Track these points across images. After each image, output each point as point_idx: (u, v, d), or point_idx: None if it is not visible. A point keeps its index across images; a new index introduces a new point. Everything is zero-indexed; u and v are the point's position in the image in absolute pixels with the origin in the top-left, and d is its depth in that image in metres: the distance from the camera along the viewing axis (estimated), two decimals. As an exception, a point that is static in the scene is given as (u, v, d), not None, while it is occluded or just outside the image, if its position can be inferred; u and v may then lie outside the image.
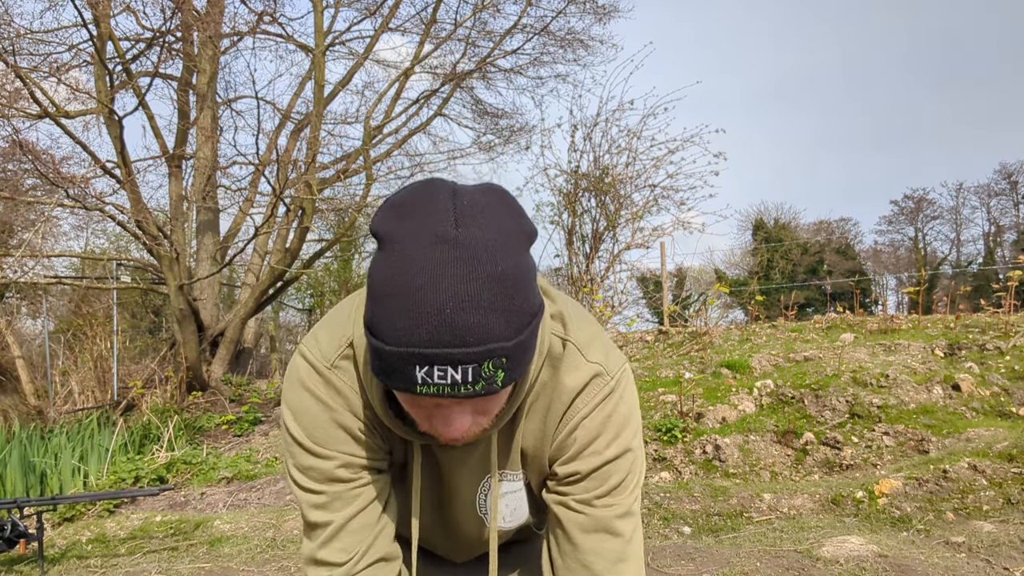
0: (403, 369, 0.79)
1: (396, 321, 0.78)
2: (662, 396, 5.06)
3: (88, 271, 12.20)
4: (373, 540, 1.05)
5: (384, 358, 0.80)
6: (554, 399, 1.04)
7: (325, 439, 1.02)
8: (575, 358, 1.03)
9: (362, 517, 1.04)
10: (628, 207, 8.19)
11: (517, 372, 0.83)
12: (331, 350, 1.02)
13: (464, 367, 0.78)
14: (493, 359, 0.79)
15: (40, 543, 3.36)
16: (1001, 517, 3.33)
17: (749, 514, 3.71)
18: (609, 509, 1.04)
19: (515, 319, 0.80)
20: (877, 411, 4.48)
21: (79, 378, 7.70)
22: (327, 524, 1.04)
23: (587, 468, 1.04)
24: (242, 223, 10.42)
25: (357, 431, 1.02)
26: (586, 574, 1.04)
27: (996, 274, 25.37)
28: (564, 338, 1.04)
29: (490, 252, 0.79)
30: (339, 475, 1.03)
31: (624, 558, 1.05)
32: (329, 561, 1.04)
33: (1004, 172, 33.70)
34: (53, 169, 6.72)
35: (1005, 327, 5.48)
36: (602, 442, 1.03)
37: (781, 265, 27.99)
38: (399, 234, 0.81)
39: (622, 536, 1.05)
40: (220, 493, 4.98)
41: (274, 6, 9.91)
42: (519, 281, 0.81)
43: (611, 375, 1.04)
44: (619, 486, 1.05)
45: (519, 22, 10.17)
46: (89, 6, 6.36)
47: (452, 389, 0.79)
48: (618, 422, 1.04)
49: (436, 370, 0.78)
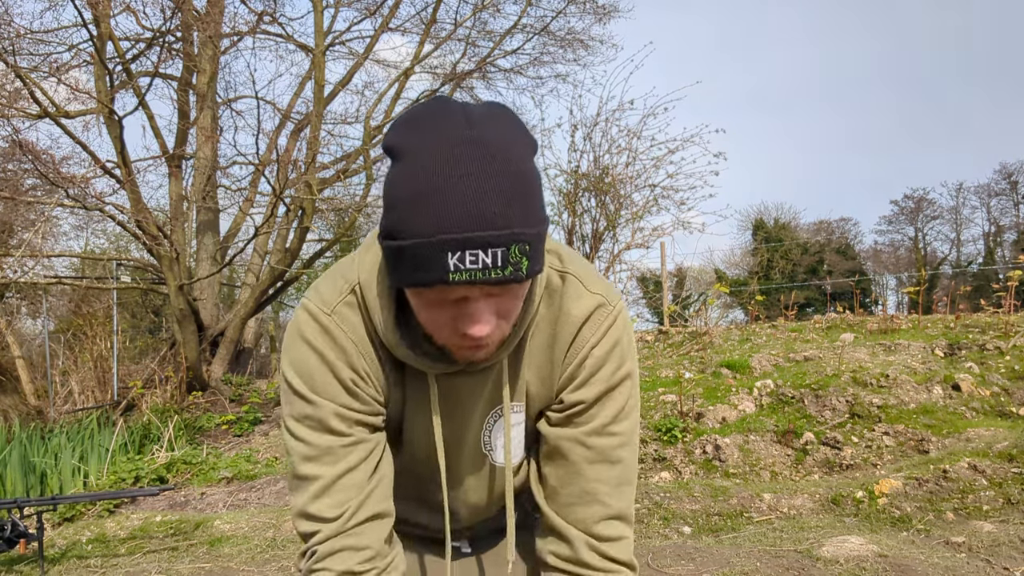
0: (434, 258, 0.81)
1: (422, 217, 0.81)
2: (662, 396, 5.06)
3: (88, 271, 12.20)
4: (366, 497, 1.04)
5: (413, 253, 0.82)
6: (559, 329, 1.06)
7: (321, 388, 1.02)
8: (577, 288, 1.06)
9: (354, 474, 1.03)
10: (628, 207, 8.19)
11: (538, 264, 0.87)
12: (332, 296, 1.03)
13: (494, 250, 0.81)
14: (519, 244, 0.82)
15: (40, 543, 3.36)
16: (1001, 517, 3.33)
17: (749, 514, 3.71)
18: (612, 438, 1.07)
19: (532, 211, 0.84)
20: (877, 411, 4.47)
21: (79, 378, 7.70)
22: (317, 478, 1.02)
23: (592, 395, 1.06)
24: (242, 223, 10.43)
25: (352, 383, 1.03)
26: (589, 499, 1.08)
27: (996, 274, 25.36)
28: (562, 271, 1.07)
29: (505, 149, 0.83)
30: (333, 426, 1.02)
31: (625, 481, 1.10)
32: (320, 515, 1.03)
33: (1004, 172, 33.71)
34: (53, 169, 6.72)
35: (1005, 327, 5.48)
36: (608, 369, 1.06)
37: (781, 265, 27.98)
38: (414, 143, 0.84)
39: (622, 462, 1.09)
40: (220, 493, 4.98)
41: (274, 6, 9.92)
42: (532, 181, 0.86)
43: (613, 305, 1.08)
44: (621, 412, 1.08)
45: (519, 22, 10.18)
46: (89, 6, 6.36)
47: (484, 274, 0.81)
48: (622, 350, 1.07)
49: (468, 255, 0.80)
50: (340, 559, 1.02)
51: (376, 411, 1.07)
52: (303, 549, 1.06)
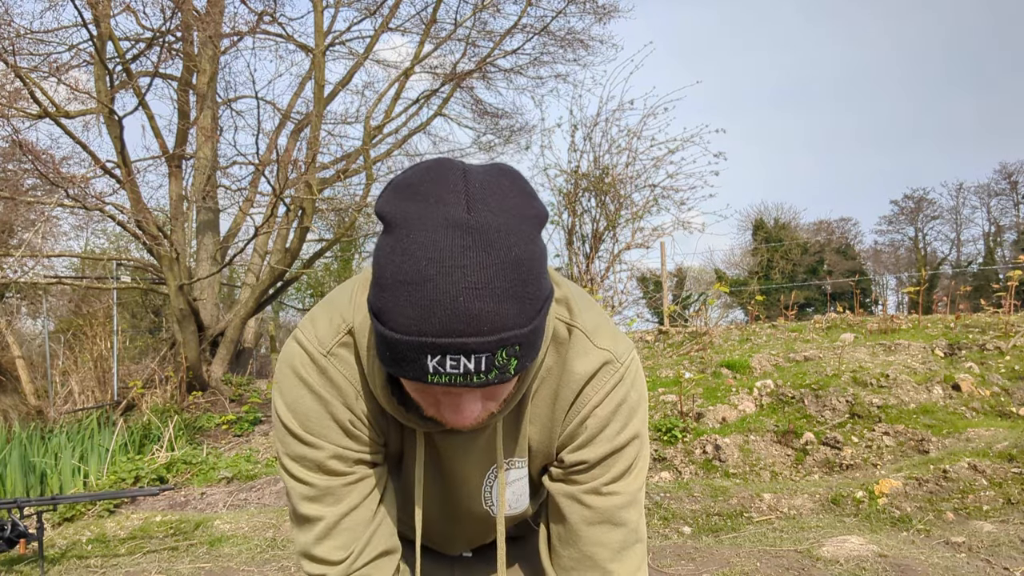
0: (414, 358, 0.76)
1: (407, 309, 0.75)
2: (662, 396, 5.06)
3: (88, 271, 12.19)
4: (371, 536, 1.03)
5: (394, 347, 0.78)
6: (562, 385, 1.01)
7: (318, 429, 0.98)
8: (583, 344, 1.01)
9: (356, 514, 1.01)
10: (628, 207, 8.20)
11: (530, 359, 0.81)
12: (329, 336, 0.98)
13: (478, 356, 0.76)
14: (507, 347, 0.77)
15: (40, 543, 3.35)
16: (1001, 517, 3.33)
17: (749, 514, 3.71)
18: (614, 498, 1.03)
19: (528, 306, 0.78)
20: (877, 411, 4.47)
21: (79, 378, 7.70)
22: (319, 519, 1.01)
23: (595, 456, 1.02)
24: (242, 223, 10.42)
25: (350, 424, 0.99)
26: (589, 564, 1.03)
27: (996, 274, 25.36)
28: (570, 324, 1.01)
29: (503, 237, 0.76)
30: (331, 467, 1.00)
31: (628, 546, 1.04)
32: (326, 559, 1.01)
33: (1004, 172, 33.71)
34: (53, 169, 6.72)
35: (1005, 327, 5.48)
36: (612, 430, 1.01)
37: (781, 265, 27.99)
38: (408, 217, 0.77)
39: (626, 525, 1.04)
40: (220, 493, 4.98)
41: (274, 6, 9.92)
42: (532, 266, 0.78)
43: (621, 362, 1.02)
44: (625, 472, 1.03)
45: (519, 22, 10.17)
46: (89, 6, 6.36)
47: (465, 379, 0.77)
48: (628, 409, 1.02)
49: (449, 359, 0.75)
50: None
51: (375, 449, 1.04)
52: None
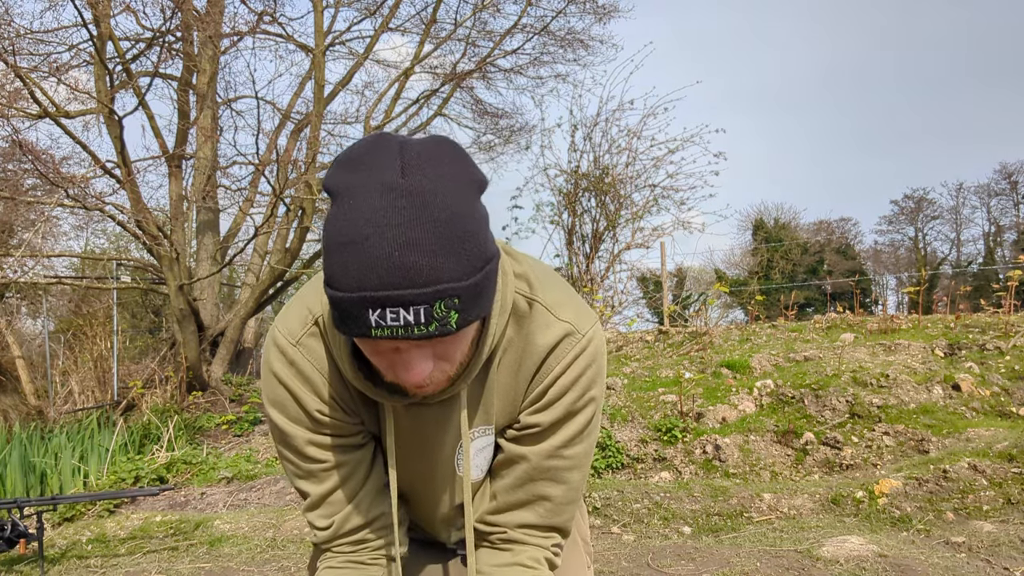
0: (358, 314, 0.82)
1: (348, 268, 0.81)
2: (662, 396, 5.06)
3: (88, 271, 12.19)
4: (353, 509, 1.12)
5: (340, 306, 0.83)
6: (525, 357, 1.06)
7: (293, 417, 1.07)
8: (544, 317, 1.05)
9: (338, 493, 1.12)
10: (628, 207, 8.20)
11: (472, 314, 0.85)
12: (297, 327, 1.06)
13: (416, 308, 0.80)
14: (444, 299, 0.81)
15: (40, 543, 3.35)
16: (1001, 517, 3.33)
17: (749, 514, 3.71)
18: (561, 460, 1.09)
19: (466, 262, 0.83)
20: (877, 411, 4.47)
21: (79, 378, 7.70)
22: (307, 494, 1.13)
23: (549, 420, 1.07)
24: (242, 223, 10.42)
25: (319, 413, 1.07)
26: (527, 509, 1.12)
27: (996, 274, 25.36)
28: (531, 297, 1.05)
29: (438, 198, 0.81)
30: (309, 453, 1.09)
31: (568, 501, 1.12)
32: (315, 524, 1.14)
33: (1004, 172, 33.71)
34: (53, 169, 6.73)
35: (1005, 327, 5.48)
36: (570, 398, 1.06)
37: (781, 265, 27.98)
38: (348, 187, 0.83)
39: (568, 484, 1.11)
40: (220, 493, 4.98)
41: (274, 6, 9.91)
42: (469, 225, 0.83)
43: (582, 333, 1.06)
44: (575, 437, 1.09)
45: (519, 22, 10.17)
46: (89, 6, 6.36)
47: (405, 331, 0.81)
48: (588, 380, 1.07)
49: (388, 312, 0.80)
50: (337, 553, 1.16)
51: (351, 431, 1.11)
52: (314, 545, 1.21)
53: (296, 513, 4.26)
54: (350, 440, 1.11)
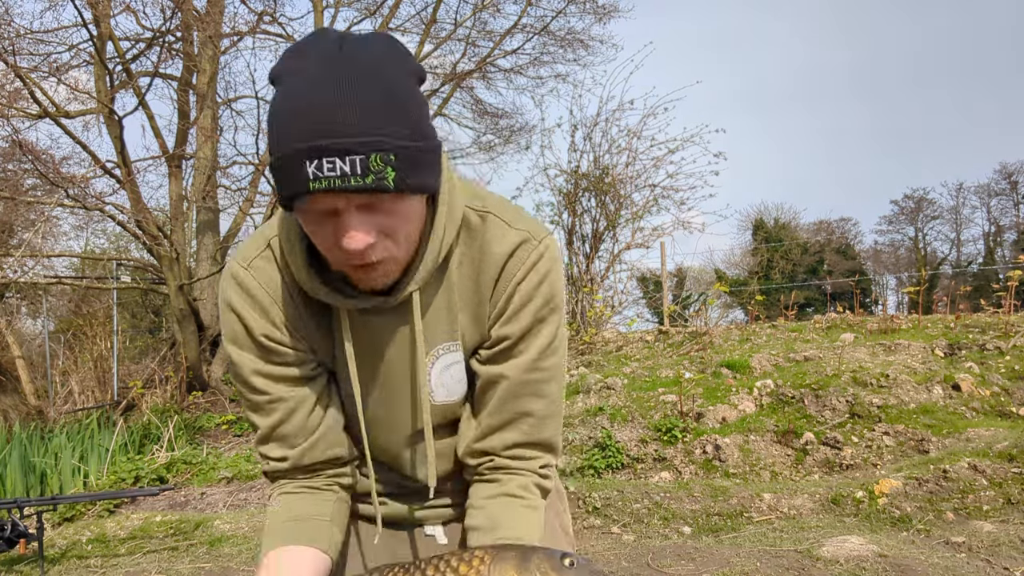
0: (296, 170, 0.84)
1: (286, 128, 0.84)
2: (662, 396, 5.06)
3: (88, 271, 12.18)
4: (307, 448, 1.12)
5: (280, 167, 0.86)
6: (483, 266, 1.08)
7: (242, 344, 1.08)
8: (499, 226, 1.07)
9: (286, 427, 1.11)
10: (628, 207, 8.20)
11: (411, 179, 0.87)
12: (251, 252, 1.08)
13: (352, 158, 0.82)
14: (380, 153, 0.83)
15: (40, 543, 3.36)
16: (1001, 517, 3.33)
17: (749, 514, 3.71)
18: (539, 373, 1.10)
19: (403, 123, 0.85)
20: (877, 411, 4.47)
21: (79, 378, 7.70)
22: (257, 426, 1.12)
23: (518, 330, 1.08)
24: (242, 223, 10.41)
25: (266, 339, 1.07)
26: (512, 426, 1.12)
27: (996, 274, 25.37)
28: (483, 210, 1.08)
29: (375, 65, 0.85)
30: (254, 383, 1.09)
31: (550, 415, 1.13)
32: (268, 455, 1.14)
33: (1004, 172, 33.72)
34: (53, 169, 6.73)
35: (1005, 327, 5.48)
36: (535, 304, 1.08)
37: (781, 265, 27.98)
38: (289, 67, 0.87)
39: (547, 397, 1.12)
40: (220, 493, 4.98)
41: (274, 6, 9.91)
42: (406, 97, 0.87)
43: (539, 239, 1.08)
44: (548, 347, 1.10)
45: (519, 22, 10.18)
46: (89, 6, 6.36)
47: (342, 180, 0.83)
48: (549, 286, 1.09)
49: (325, 162, 0.82)
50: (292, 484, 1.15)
51: (300, 360, 1.10)
52: (264, 471, 1.19)
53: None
54: (298, 371, 1.10)
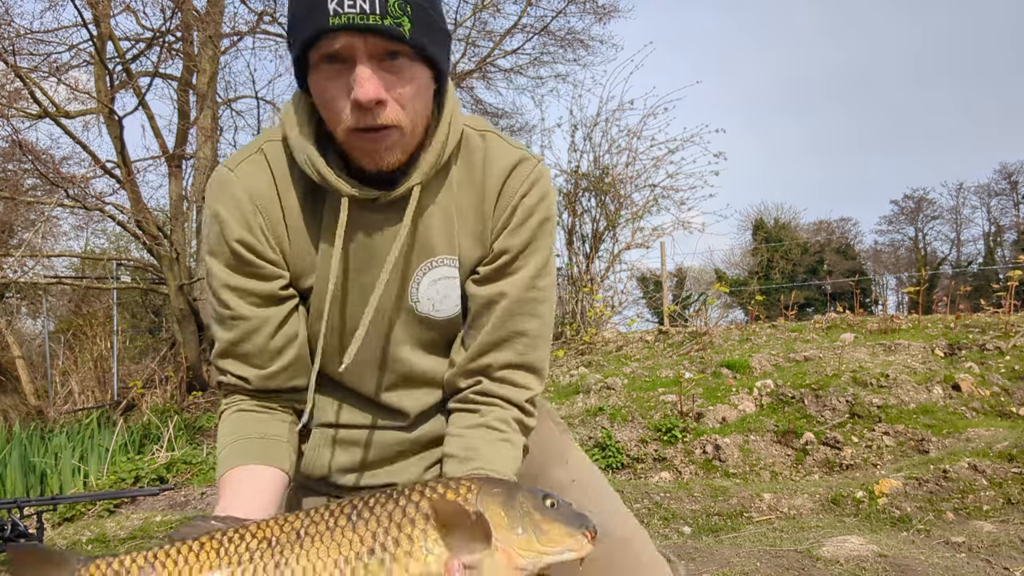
0: (317, 6, 0.89)
1: None
2: (662, 396, 5.06)
3: (88, 271, 12.19)
4: (269, 373, 1.11)
5: (300, 9, 0.91)
6: (486, 181, 1.11)
7: (216, 251, 1.08)
8: (499, 144, 1.13)
9: (246, 345, 1.10)
10: (628, 207, 8.20)
11: (423, 38, 0.93)
12: (240, 156, 1.10)
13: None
14: None
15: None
16: (1001, 517, 3.33)
17: (749, 514, 3.71)
18: (534, 292, 1.14)
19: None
20: (877, 411, 4.48)
21: (79, 378, 7.70)
22: (219, 338, 1.12)
23: (519, 243, 1.12)
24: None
25: (241, 246, 1.06)
26: (505, 345, 1.13)
27: (996, 274, 25.37)
28: (483, 130, 1.14)
29: None
30: (222, 297, 1.09)
31: (541, 336, 1.17)
32: (226, 369, 1.13)
33: (1004, 172, 33.72)
34: (53, 169, 6.73)
35: (1005, 327, 5.48)
36: (536, 219, 1.12)
37: (781, 265, 27.98)
38: None
39: (541, 318, 1.16)
40: (220, 493, 4.97)
41: (274, 6, 9.90)
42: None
43: (536, 159, 1.14)
44: (544, 266, 1.14)
45: (519, 22, 10.18)
46: (89, 6, 6.36)
47: (361, 18, 0.88)
48: (548, 204, 1.14)
49: None
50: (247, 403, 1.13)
51: (269, 275, 1.09)
52: (219, 381, 1.17)
53: (296, 513, 4.26)
54: (267, 287, 1.09)
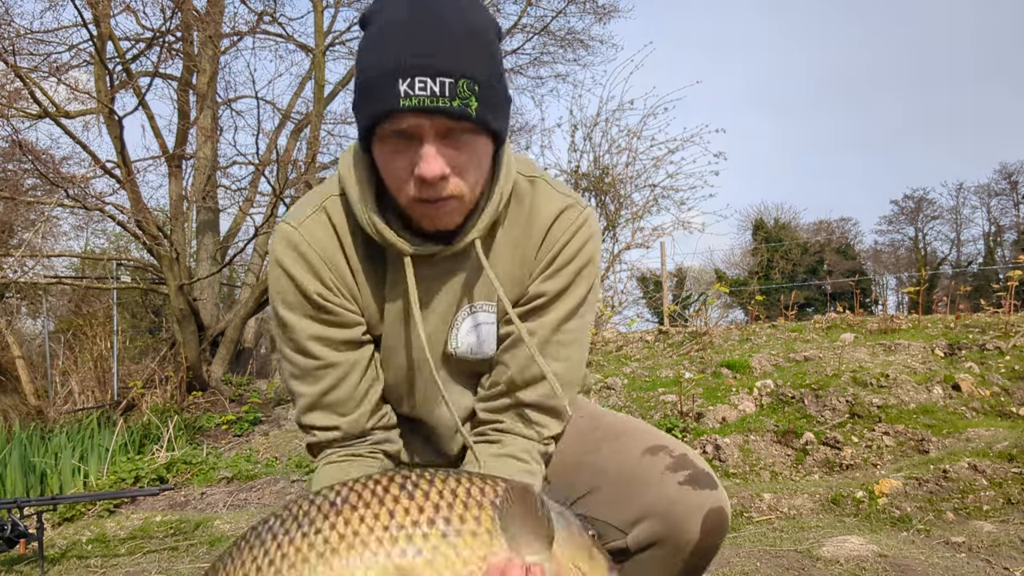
0: (388, 86, 0.89)
1: (381, 52, 0.90)
2: (662, 396, 5.06)
3: (88, 271, 12.18)
4: (357, 416, 1.13)
5: (370, 86, 0.91)
6: (531, 227, 1.13)
7: (295, 305, 1.09)
8: (547, 190, 1.14)
9: (336, 393, 1.12)
10: (628, 207, 8.20)
11: (488, 114, 0.93)
12: (303, 213, 1.11)
13: (442, 80, 0.88)
14: (467, 79, 0.89)
15: (40, 543, 3.35)
16: (1001, 517, 3.33)
17: (749, 514, 3.71)
18: (564, 334, 1.14)
19: (487, 63, 0.92)
20: (877, 411, 4.48)
21: (79, 378, 7.69)
22: (303, 395, 1.13)
23: (555, 288, 1.13)
24: (242, 223, 10.42)
25: (320, 297, 1.08)
26: (530, 385, 1.14)
27: (996, 274, 25.37)
28: (532, 176, 1.13)
29: (463, 8, 0.93)
30: (308, 348, 1.10)
31: (568, 382, 1.16)
32: (314, 425, 1.14)
33: (1004, 172, 33.71)
34: (53, 169, 6.73)
35: (1005, 327, 5.48)
36: (575, 266, 1.13)
37: (781, 265, 27.97)
38: (381, 6, 0.95)
39: (569, 360, 1.17)
40: (220, 493, 4.98)
41: (274, 6, 9.92)
42: (490, 39, 0.94)
43: (583, 206, 1.14)
44: (576, 310, 1.15)
45: (519, 22, 10.18)
46: (89, 6, 6.36)
47: (432, 101, 0.88)
48: (590, 251, 1.14)
49: (417, 82, 0.88)
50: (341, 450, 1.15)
51: (350, 321, 1.12)
52: (307, 444, 1.18)
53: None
54: (351, 333, 1.12)
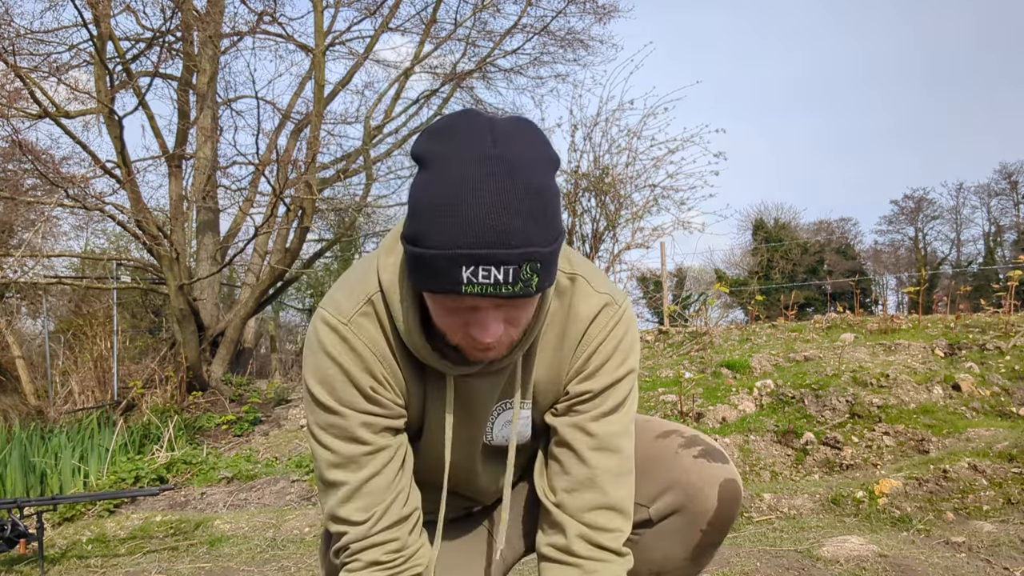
0: (448, 270, 0.86)
1: (443, 228, 0.86)
2: (662, 396, 5.06)
3: (88, 271, 12.17)
4: (392, 502, 1.11)
5: (430, 263, 0.87)
6: (569, 326, 1.13)
7: (344, 398, 1.07)
8: (585, 289, 1.13)
9: (378, 479, 1.10)
10: (628, 207, 8.19)
11: (548, 280, 0.91)
12: (349, 307, 1.07)
13: (506, 268, 0.86)
14: (531, 262, 0.87)
15: (40, 543, 3.35)
16: (1001, 517, 3.33)
17: (749, 514, 3.71)
18: (612, 426, 1.14)
19: (548, 229, 0.89)
20: (877, 411, 4.47)
21: (79, 378, 7.69)
22: (343, 483, 1.09)
23: (598, 387, 1.13)
24: (242, 223, 10.41)
25: (372, 390, 1.07)
26: (589, 485, 1.14)
27: (996, 274, 25.37)
28: (571, 273, 1.13)
29: (526, 167, 0.88)
30: (358, 435, 1.08)
31: (624, 472, 1.16)
32: (349, 519, 1.10)
33: (1004, 172, 33.70)
34: (53, 169, 6.73)
35: (1005, 327, 5.48)
36: (613, 363, 1.13)
37: (781, 265, 27.97)
38: (441, 154, 0.89)
39: (621, 452, 1.15)
40: (220, 493, 4.98)
41: (274, 6, 9.90)
42: (550, 197, 0.91)
43: (619, 304, 1.15)
44: (621, 403, 1.15)
45: (519, 22, 10.17)
46: (89, 6, 6.35)
47: (495, 289, 0.86)
48: (627, 347, 1.15)
49: (481, 270, 0.85)
50: (369, 553, 1.10)
51: (397, 414, 1.12)
52: (335, 547, 1.14)
53: (296, 513, 4.26)
54: (396, 423, 1.12)
